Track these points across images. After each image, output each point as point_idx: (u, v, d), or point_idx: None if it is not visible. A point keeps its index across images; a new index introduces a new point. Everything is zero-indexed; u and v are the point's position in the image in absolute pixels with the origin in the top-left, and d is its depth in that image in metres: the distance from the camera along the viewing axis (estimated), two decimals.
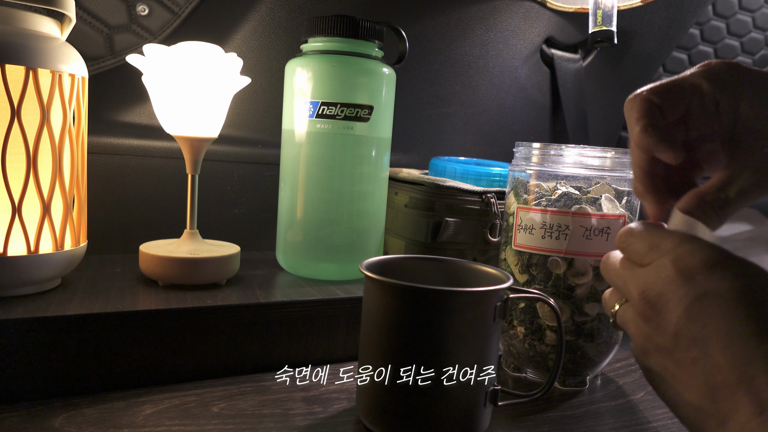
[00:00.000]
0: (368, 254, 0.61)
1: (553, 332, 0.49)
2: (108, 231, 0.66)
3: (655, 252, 0.34)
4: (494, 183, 0.68)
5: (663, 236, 0.34)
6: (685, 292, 0.31)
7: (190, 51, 0.52)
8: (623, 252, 0.37)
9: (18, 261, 0.46)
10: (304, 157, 0.59)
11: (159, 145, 0.67)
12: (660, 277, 0.32)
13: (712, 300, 0.30)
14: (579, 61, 0.95)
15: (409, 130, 0.85)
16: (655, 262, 0.33)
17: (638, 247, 0.35)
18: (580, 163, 0.49)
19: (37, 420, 0.40)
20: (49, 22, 0.48)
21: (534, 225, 0.49)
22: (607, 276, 0.38)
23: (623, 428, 0.45)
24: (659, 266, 0.32)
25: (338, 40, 0.57)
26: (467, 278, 0.46)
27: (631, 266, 0.35)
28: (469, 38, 0.83)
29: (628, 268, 0.35)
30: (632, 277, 0.34)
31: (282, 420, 0.42)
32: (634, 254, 0.35)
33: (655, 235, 0.35)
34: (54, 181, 0.47)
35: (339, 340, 0.54)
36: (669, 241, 0.33)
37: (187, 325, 0.48)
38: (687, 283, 0.31)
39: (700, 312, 0.30)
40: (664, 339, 0.31)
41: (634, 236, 0.36)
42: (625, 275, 0.35)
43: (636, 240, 0.35)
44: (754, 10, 1.12)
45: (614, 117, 1.07)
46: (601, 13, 0.79)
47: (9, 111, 0.44)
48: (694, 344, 0.30)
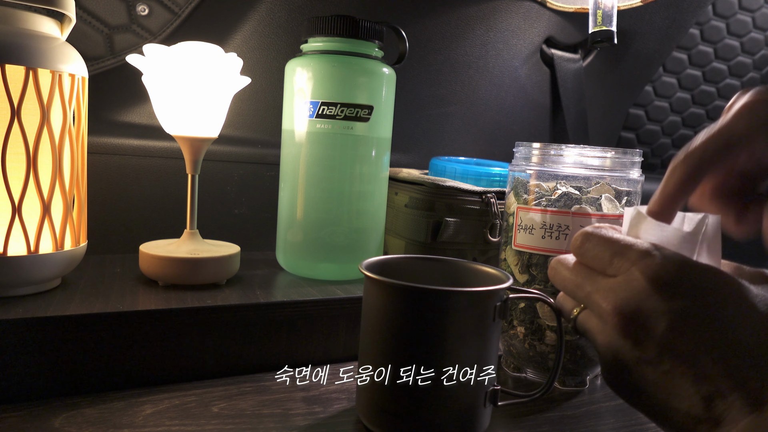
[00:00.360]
0: (368, 254, 0.61)
1: (553, 332, 0.49)
2: (108, 231, 0.66)
3: (621, 260, 0.33)
4: (494, 183, 0.68)
5: (626, 244, 0.33)
6: (667, 308, 0.30)
7: (190, 51, 0.52)
8: (580, 258, 0.36)
9: (18, 261, 0.46)
10: (304, 157, 0.59)
11: (159, 145, 0.67)
12: (634, 291, 0.31)
13: (696, 316, 0.30)
14: (579, 61, 0.95)
15: (409, 130, 0.85)
16: (624, 275, 0.32)
17: (599, 254, 0.34)
18: (580, 163, 0.49)
19: (37, 420, 0.40)
20: (49, 22, 0.48)
21: (534, 225, 0.49)
22: (561, 283, 0.37)
23: (623, 428, 0.45)
24: (630, 279, 0.32)
25: (338, 40, 0.57)
26: (467, 278, 0.46)
27: (591, 275, 0.35)
28: (469, 38, 0.83)
29: (587, 276, 0.35)
30: (598, 290, 0.33)
31: (282, 420, 0.42)
32: (595, 261, 0.35)
33: (617, 242, 0.34)
34: (54, 181, 0.47)
35: (339, 340, 0.54)
36: (633, 250, 0.33)
37: (187, 325, 0.48)
38: (666, 299, 0.30)
39: (687, 327, 0.30)
40: (647, 354, 0.31)
41: (593, 242, 0.35)
42: (586, 285, 0.34)
43: (596, 247, 0.35)
44: (754, 10, 1.12)
45: (614, 117, 1.07)
46: (601, 13, 0.79)
47: (9, 111, 0.44)
48: (681, 358, 0.30)
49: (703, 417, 0.29)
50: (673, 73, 1.11)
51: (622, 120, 1.10)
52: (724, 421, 0.29)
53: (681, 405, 0.30)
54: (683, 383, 0.30)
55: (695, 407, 0.30)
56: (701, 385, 0.29)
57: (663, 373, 0.30)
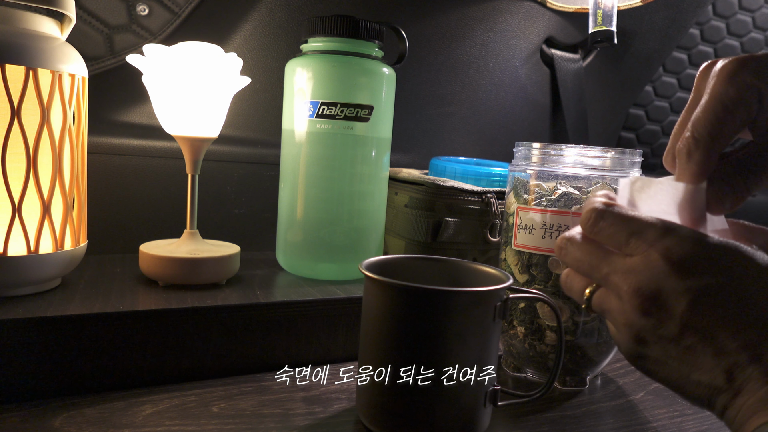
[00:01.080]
0: (368, 254, 0.61)
1: (553, 332, 0.49)
2: (108, 231, 0.66)
3: (638, 241, 0.33)
4: (494, 183, 0.68)
5: (643, 223, 0.34)
6: (686, 287, 0.31)
7: (190, 51, 0.52)
8: (594, 236, 0.36)
9: (18, 261, 0.46)
10: (304, 157, 0.59)
11: (159, 145, 0.67)
12: (654, 272, 0.32)
13: (714, 293, 0.31)
14: (579, 61, 0.95)
15: (409, 130, 0.85)
16: (642, 255, 0.33)
17: (615, 234, 0.35)
18: (580, 163, 0.49)
19: (37, 420, 0.40)
20: (49, 22, 0.48)
21: (534, 225, 0.49)
22: (573, 263, 0.37)
23: (623, 428, 0.45)
24: (649, 260, 0.32)
25: (338, 40, 0.57)
26: (467, 278, 0.46)
27: (607, 255, 0.35)
28: (469, 38, 0.83)
29: (603, 257, 0.35)
30: (616, 271, 0.34)
31: (282, 420, 0.42)
32: (610, 240, 0.35)
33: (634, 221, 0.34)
34: (54, 181, 0.47)
35: (339, 340, 0.54)
36: (651, 229, 0.33)
37: (187, 325, 0.48)
38: (685, 278, 0.31)
39: (705, 304, 0.31)
40: (669, 331, 0.32)
41: (608, 221, 0.35)
42: (603, 266, 0.35)
43: (611, 226, 0.35)
44: (754, 10, 1.12)
45: (614, 117, 1.07)
46: (601, 13, 0.79)
47: (9, 111, 0.44)
48: (702, 333, 0.31)
49: (723, 388, 0.31)
50: (673, 73, 1.11)
51: (622, 120, 1.10)
52: (743, 391, 0.30)
53: (702, 378, 0.31)
54: (704, 357, 0.31)
55: (716, 379, 0.31)
56: (721, 359, 0.30)
57: (685, 348, 0.32)
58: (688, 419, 0.47)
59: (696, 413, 0.48)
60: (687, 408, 0.49)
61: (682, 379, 0.33)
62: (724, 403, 0.31)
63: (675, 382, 0.33)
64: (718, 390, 0.31)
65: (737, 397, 0.30)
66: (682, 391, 0.33)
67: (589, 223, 0.36)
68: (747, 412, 0.30)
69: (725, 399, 0.31)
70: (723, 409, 0.31)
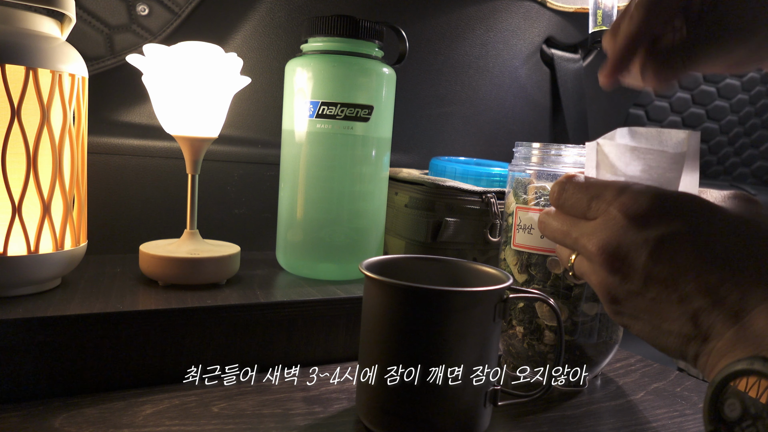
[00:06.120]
0: (368, 254, 0.61)
1: (552, 332, 0.49)
2: (108, 231, 0.66)
3: (598, 203, 0.35)
4: (494, 183, 0.68)
5: (600, 186, 0.35)
6: (644, 238, 0.32)
7: (190, 51, 0.52)
8: (561, 208, 0.38)
9: (18, 261, 0.46)
10: (304, 157, 0.59)
11: (159, 145, 0.67)
12: (613, 229, 0.33)
13: (671, 241, 0.32)
14: (579, 61, 0.95)
15: (409, 130, 0.85)
16: (602, 215, 0.34)
17: (577, 202, 0.36)
18: (580, 163, 0.49)
19: (37, 420, 0.40)
20: (49, 22, 0.48)
21: (533, 225, 0.49)
22: (551, 234, 0.39)
23: (623, 428, 0.45)
24: (609, 218, 0.34)
25: (338, 40, 0.57)
26: (467, 278, 0.46)
27: (575, 221, 0.37)
28: (469, 38, 0.83)
29: (572, 224, 0.37)
30: (583, 234, 0.35)
31: (282, 420, 0.42)
32: (575, 208, 0.37)
33: (592, 186, 0.36)
34: (54, 181, 0.47)
35: (339, 340, 0.54)
36: (608, 190, 0.35)
37: (187, 325, 0.48)
38: (642, 230, 0.32)
39: (664, 253, 0.32)
40: (634, 285, 0.33)
41: (570, 191, 0.37)
42: (572, 232, 0.37)
43: (573, 195, 0.37)
44: None
45: (614, 117, 1.07)
46: (601, 13, 0.79)
47: (9, 111, 0.44)
48: (664, 283, 0.32)
49: (692, 334, 0.31)
50: None
51: (622, 120, 1.10)
52: (711, 335, 0.31)
53: (672, 327, 0.32)
54: (670, 306, 0.32)
55: (684, 327, 0.32)
56: (686, 306, 0.31)
57: (651, 300, 0.33)
58: (688, 419, 0.47)
59: (696, 413, 0.48)
60: (687, 408, 0.49)
61: (654, 331, 0.33)
62: (695, 350, 0.32)
63: (649, 334, 0.34)
64: (687, 338, 0.32)
65: (706, 342, 0.31)
66: (657, 343, 0.34)
67: (555, 196, 0.38)
68: (716, 355, 0.30)
69: (696, 346, 0.32)
70: (695, 356, 0.32)
